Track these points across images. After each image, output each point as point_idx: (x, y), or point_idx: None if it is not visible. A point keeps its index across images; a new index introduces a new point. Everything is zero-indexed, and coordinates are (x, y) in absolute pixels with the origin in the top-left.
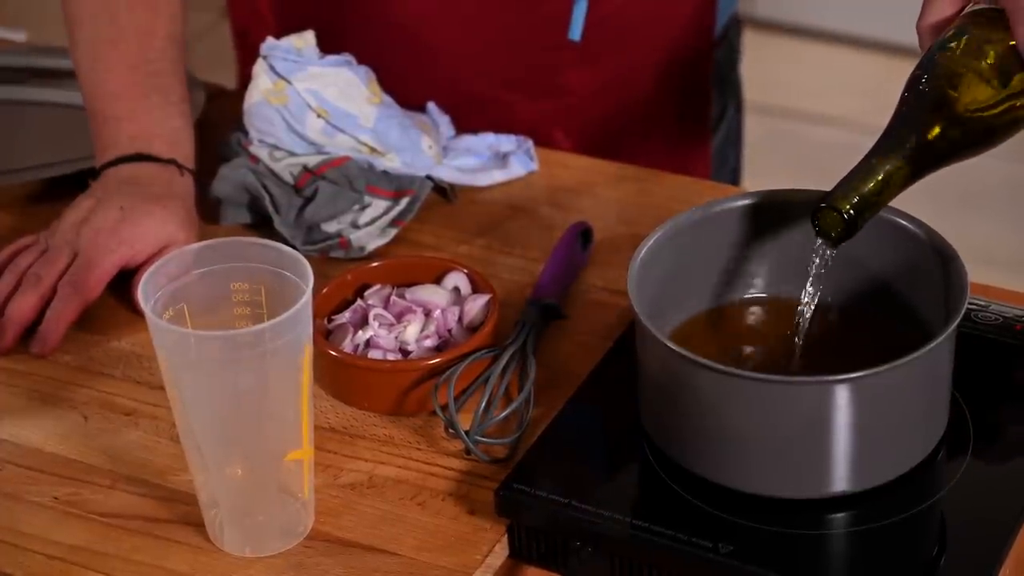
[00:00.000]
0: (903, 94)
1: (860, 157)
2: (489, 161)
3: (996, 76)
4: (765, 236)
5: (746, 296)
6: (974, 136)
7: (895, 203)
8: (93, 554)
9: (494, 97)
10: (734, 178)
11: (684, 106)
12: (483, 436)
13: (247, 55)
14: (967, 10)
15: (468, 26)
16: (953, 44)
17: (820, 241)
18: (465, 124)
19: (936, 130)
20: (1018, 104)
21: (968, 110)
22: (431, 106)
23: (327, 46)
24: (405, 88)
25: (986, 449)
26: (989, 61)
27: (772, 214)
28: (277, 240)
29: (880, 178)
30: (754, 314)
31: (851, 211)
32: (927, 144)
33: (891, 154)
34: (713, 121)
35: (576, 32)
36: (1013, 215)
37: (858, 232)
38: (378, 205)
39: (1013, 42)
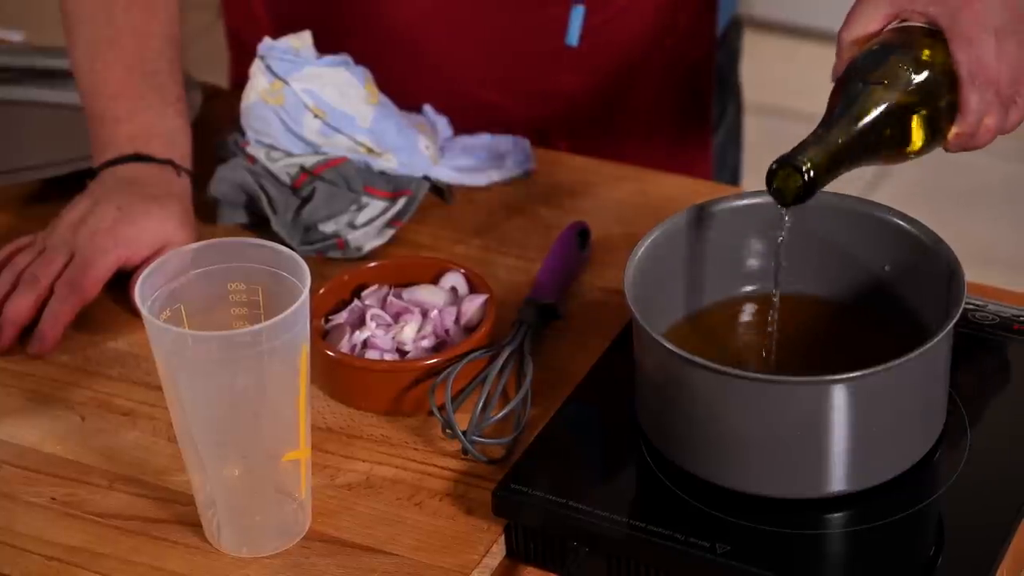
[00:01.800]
0: (833, 95)
1: None
2: (486, 161)
3: (920, 90)
4: (762, 235)
5: (743, 295)
6: (895, 147)
7: (894, 202)
8: (90, 554)
9: (491, 101)
10: (734, 178)
11: (685, 108)
12: (480, 436)
13: (240, 55)
14: (892, 26)
15: (464, 30)
16: (879, 59)
17: (782, 212)
18: (462, 128)
19: (861, 134)
20: (940, 115)
21: (890, 120)
22: (427, 108)
23: (322, 47)
24: (401, 91)
25: (983, 449)
26: (914, 75)
27: (767, 213)
28: (274, 240)
29: (831, 150)
30: (751, 313)
31: (810, 170)
32: (855, 142)
33: (838, 133)
34: (714, 122)
35: (573, 38)
36: (1012, 215)
37: (814, 196)
38: (375, 205)
39: (937, 59)
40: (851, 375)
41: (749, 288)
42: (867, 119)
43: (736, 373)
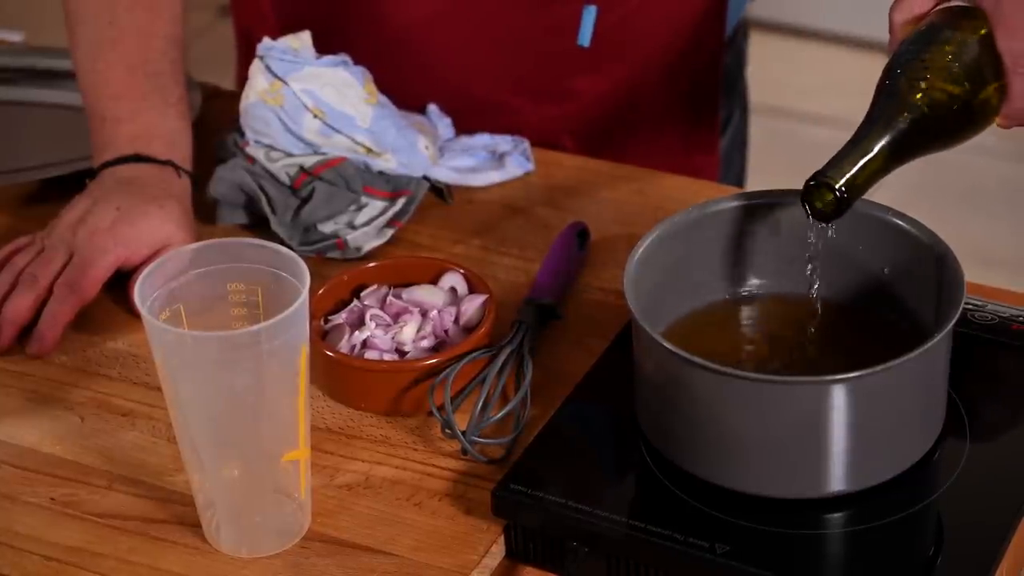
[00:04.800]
0: (881, 81)
1: None
2: (485, 161)
3: (968, 74)
4: (760, 235)
5: (742, 295)
6: (946, 130)
7: (894, 202)
8: (89, 555)
9: (501, 102)
10: (739, 181)
11: (693, 111)
12: (480, 436)
13: (248, 55)
14: (940, 7)
15: (476, 30)
16: (926, 41)
17: (813, 223)
18: (471, 128)
19: (910, 124)
20: (989, 97)
21: (941, 106)
22: (432, 108)
23: (332, 47)
24: (409, 91)
25: (982, 448)
26: (962, 59)
27: (767, 213)
28: (274, 240)
29: (867, 160)
30: (750, 313)
31: (843, 188)
32: (904, 135)
33: (874, 140)
34: (720, 125)
35: (585, 38)
36: (1012, 215)
37: (847, 210)
38: (375, 206)
39: (982, 43)
40: (851, 375)
41: (749, 288)
42: (908, 121)
43: (736, 373)
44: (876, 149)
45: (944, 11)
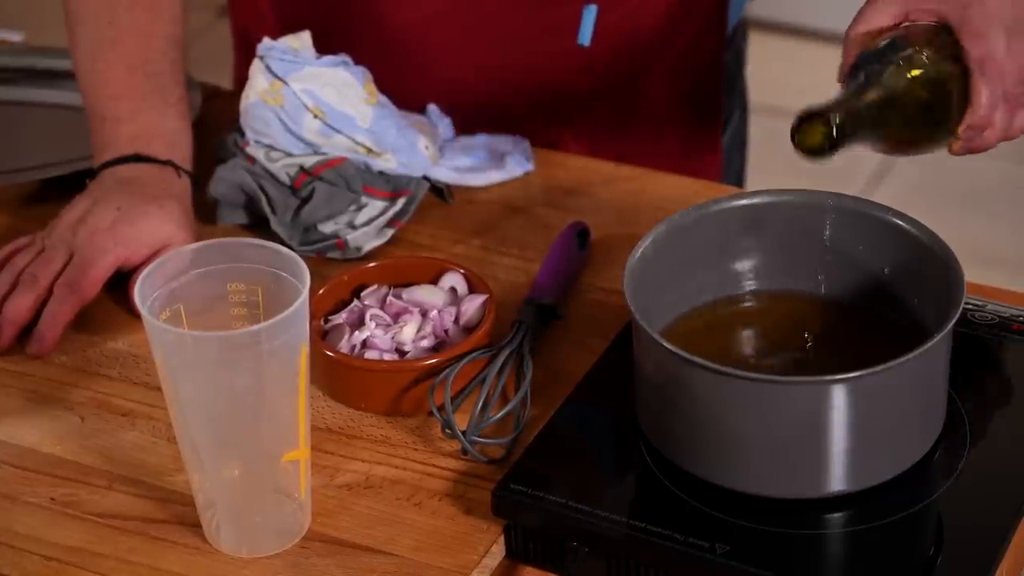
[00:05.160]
0: (848, 76)
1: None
2: (486, 161)
3: (929, 89)
4: (761, 235)
5: (742, 294)
6: (911, 139)
7: (894, 202)
8: (89, 555)
9: (501, 101)
10: (739, 181)
11: (695, 111)
12: (480, 436)
13: (246, 55)
14: (903, 25)
15: (475, 30)
16: (887, 56)
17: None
18: (472, 128)
19: (880, 101)
20: (951, 110)
21: (908, 118)
22: (432, 108)
23: (331, 47)
24: (408, 91)
25: (983, 448)
26: (926, 72)
27: (767, 213)
28: (274, 240)
29: (854, 112)
30: (750, 312)
31: (836, 119)
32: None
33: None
34: (721, 125)
35: (585, 38)
36: (1012, 215)
37: (839, 150)
38: (375, 206)
39: (945, 55)
40: (851, 375)
41: (749, 288)
42: (878, 97)
43: (736, 373)
44: (864, 104)
45: (906, 27)
